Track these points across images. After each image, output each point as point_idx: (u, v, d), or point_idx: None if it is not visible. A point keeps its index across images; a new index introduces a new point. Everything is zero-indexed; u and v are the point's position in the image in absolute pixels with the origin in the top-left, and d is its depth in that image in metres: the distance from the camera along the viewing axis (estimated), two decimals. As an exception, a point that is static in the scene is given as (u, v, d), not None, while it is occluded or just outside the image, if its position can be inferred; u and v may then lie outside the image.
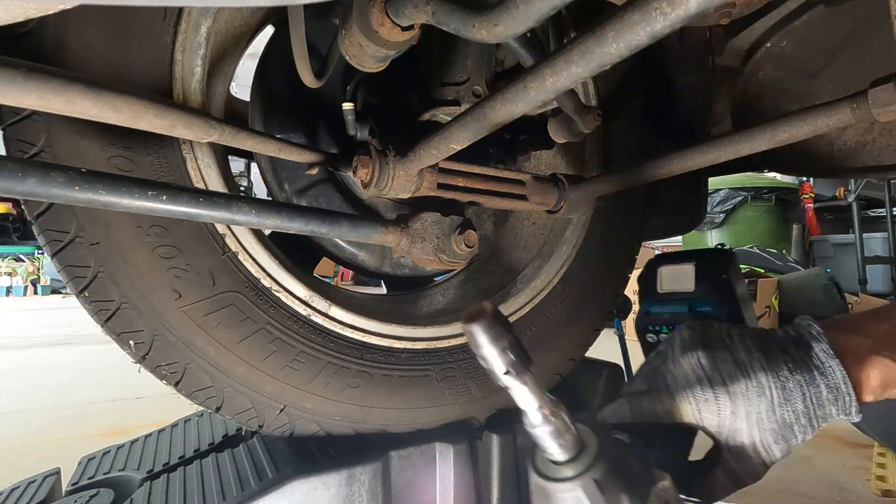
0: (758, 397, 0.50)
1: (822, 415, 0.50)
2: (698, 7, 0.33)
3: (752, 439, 0.51)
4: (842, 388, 0.49)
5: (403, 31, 0.55)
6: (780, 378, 0.50)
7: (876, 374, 0.50)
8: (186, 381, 0.72)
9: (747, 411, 0.51)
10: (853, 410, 0.49)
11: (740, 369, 0.52)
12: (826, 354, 0.50)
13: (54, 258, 0.66)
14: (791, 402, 0.50)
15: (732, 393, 0.51)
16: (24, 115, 0.62)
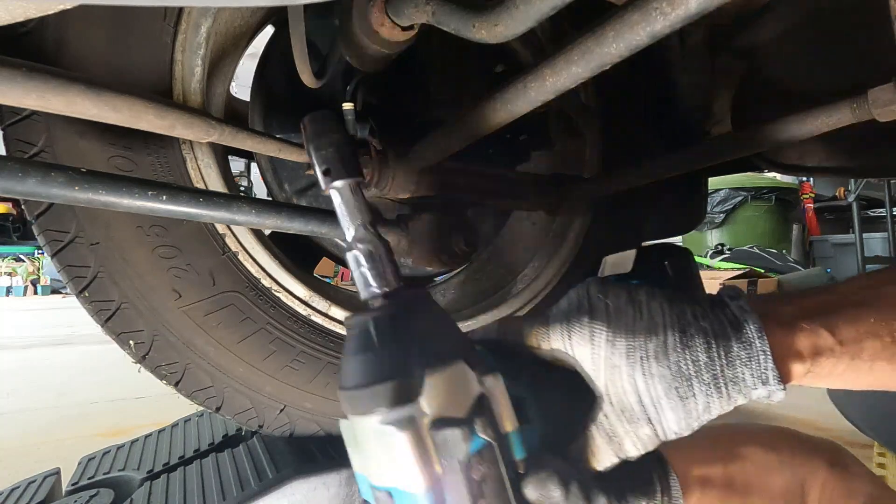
0: (646, 334, 0.40)
1: (732, 376, 0.39)
2: (698, 7, 0.33)
3: (634, 386, 0.40)
4: (756, 345, 0.39)
5: (403, 31, 0.55)
6: (680, 321, 0.41)
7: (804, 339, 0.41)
8: (186, 381, 0.72)
9: (629, 346, 0.40)
10: (770, 376, 0.39)
11: (633, 304, 0.42)
12: (742, 310, 0.41)
13: (54, 258, 0.66)
14: (691, 348, 0.39)
15: (614, 323, 0.41)
16: (24, 115, 0.62)
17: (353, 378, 0.36)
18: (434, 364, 0.36)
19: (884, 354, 0.40)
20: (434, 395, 0.36)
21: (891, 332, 0.40)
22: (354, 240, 0.40)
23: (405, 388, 0.35)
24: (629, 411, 0.41)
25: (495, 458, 0.37)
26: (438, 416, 0.35)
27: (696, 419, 0.40)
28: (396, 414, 0.34)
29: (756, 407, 2.25)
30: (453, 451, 0.35)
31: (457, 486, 0.35)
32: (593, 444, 0.43)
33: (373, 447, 0.36)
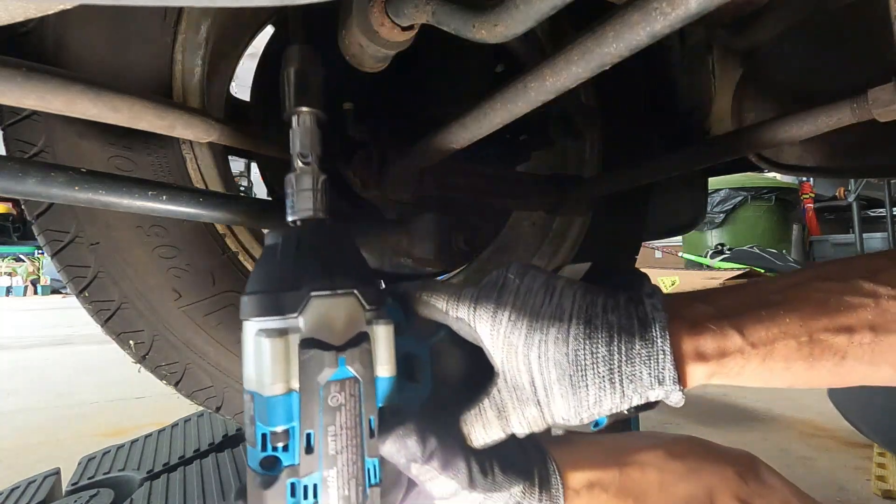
0: (550, 319, 0.40)
1: (629, 373, 0.39)
2: (698, 7, 0.33)
3: (528, 367, 0.41)
4: (657, 344, 0.39)
5: (403, 30, 0.55)
6: (588, 312, 0.41)
7: (710, 341, 0.40)
8: (186, 381, 0.72)
9: (531, 327, 0.40)
10: (667, 377, 0.39)
11: (546, 288, 0.43)
12: (653, 308, 0.40)
13: (54, 258, 0.66)
14: (592, 340, 0.39)
15: (521, 302, 0.42)
16: (24, 115, 0.62)
17: (249, 285, 0.40)
18: (322, 288, 0.38)
19: (800, 354, 0.39)
20: (313, 316, 0.37)
21: (809, 332, 0.39)
22: (298, 167, 0.43)
23: (284, 301, 0.37)
24: (521, 390, 0.42)
25: (357, 394, 0.38)
26: (310, 336, 0.37)
27: (585, 410, 0.40)
28: (269, 323, 0.37)
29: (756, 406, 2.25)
30: (313, 372, 0.36)
31: (310, 404, 0.36)
32: (484, 417, 0.43)
33: (247, 350, 0.38)
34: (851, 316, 0.39)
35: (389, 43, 0.56)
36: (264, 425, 0.36)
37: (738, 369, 0.40)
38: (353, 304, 0.39)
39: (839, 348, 0.39)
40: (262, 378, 0.36)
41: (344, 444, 0.37)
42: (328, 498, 0.36)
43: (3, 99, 0.44)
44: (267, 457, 0.36)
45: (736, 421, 2.10)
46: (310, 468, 0.36)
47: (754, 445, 1.83)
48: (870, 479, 1.50)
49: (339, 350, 0.37)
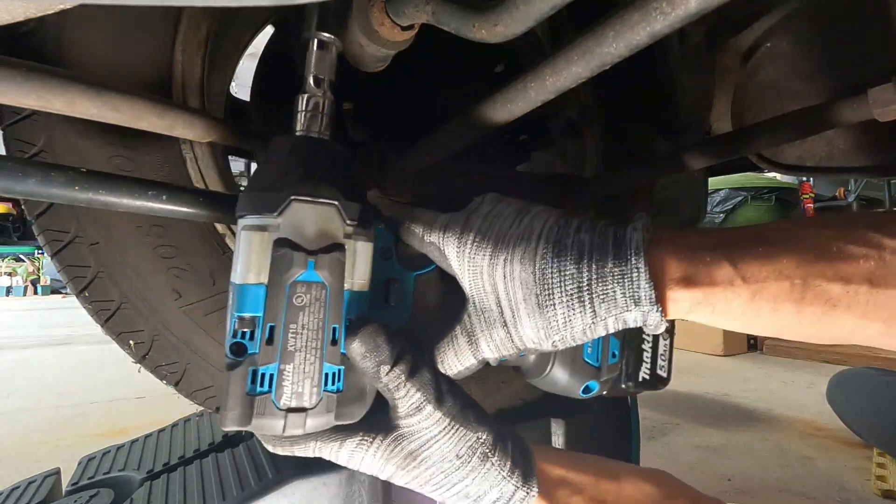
0: (517, 239, 0.39)
1: (601, 292, 0.36)
2: (698, 7, 0.33)
3: (494, 286, 0.39)
4: (632, 261, 0.36)
5: (403, 30, 0.55)
6: (559, 232, 0.39)
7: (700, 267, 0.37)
8: (186, 381, 0.72)
9: (496, 247, 0.39)
10: (643, 295, 0.36)
11: (518, 213, 0.41)
12: (633, 230, 0.38)
13: (54, 258, 0.66)
14: (560, 258, 0.37)
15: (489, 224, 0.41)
16: (24, 115, 0.62)
17: (248, 184, 0.43)
18: (304, 194, 0.40)
19: (791, 297, 0.37)
20: (291, 218, 0.39)
21: (804, 275, 0.37)
22: (310, 87, 0.44)
23: (266, 200, 0.39)
24: (488, 312, 0.41)
25: (323, 299, 0.40)
26: (285, 237, 0.39)
27: (556, 331, 0.38)
28: (250, 220, 0.40)
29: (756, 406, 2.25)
30: (282, 269, 0.38)
31: (275, 299, 0.38)
32: (456, 343, 0.43)
33: (236, 244, 0.40)
34: (851, 265, 0.37)
35: (389, 43, 0.56)
36: (235, 312, 0.39)
37: (726, 303, 0.38)
38: (332, 214, 0.41)
39: (832, 296, 0.37)
40: (239, 268, 0.39)
41: (303, 344, 0.39)
42: (281, 390, 0.39)
43: (3, 99, 0.44)
44: (236, 343, 0.39)
45: (736, 421, 2.10)
46: (268, 359, 0.38)
47: (754, 445, 1.83)
48: (870, 479, 1.50)
49: (310, 254, 0.39)
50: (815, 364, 3.13)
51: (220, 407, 0.39)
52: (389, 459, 0.41)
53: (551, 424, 0.88)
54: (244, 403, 0.38)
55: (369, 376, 0.41)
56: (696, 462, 1.69)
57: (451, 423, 0.41)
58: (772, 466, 1.66)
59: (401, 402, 0.40)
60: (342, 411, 0.41)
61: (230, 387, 0.38)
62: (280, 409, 0.39)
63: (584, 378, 0.51)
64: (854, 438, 1.75)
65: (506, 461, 0.42)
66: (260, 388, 0.38)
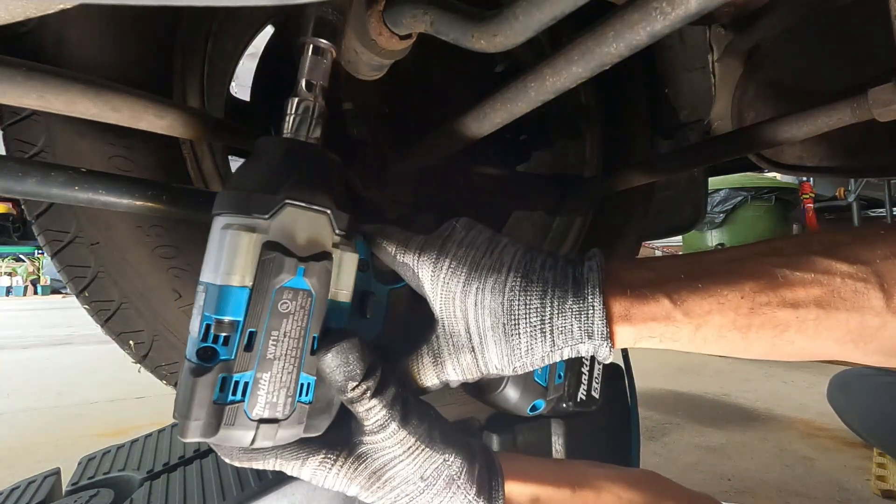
0: (489, 270, 0.42)
1: (561, 325, 0.40)
2: (698, 7, 0.33)
3: (465, 312, 0.42)
4: (588, 300, 0.40)
5: (401, 39, 0.55)
6: (527, 268, 0.42)
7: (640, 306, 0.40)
8: (186, 381, 0.72)
9: (469, 276, 0.42)
10: (596, 330, 0.39)
11: (490, 242, 0.44)
12: (590, 270, 0.42)
13: (54, 258, 0.66)
14: (528, 292, 0.40)
15: (463, 252, 0.43)
16: (24, 115, 0.62)
17: (229, 183, 0.40)
18: (299, 199, 0.39)
19: (735, 325, 0.39)
20: (283, 222, 0.38)
21: (749, 305, 0.39)
22: (301, 91, 0.44)
23: (259, 201, 0.38)
24: (457, 337, 0.43)
25: (308, 307, 0.39)
26: (276, 241, 0.37)
27: (518, 358, 0.41)
28: (237, 219, 0.37)
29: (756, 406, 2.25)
30: (270, 274, 0.37)
31: (260, 304, 0.37)
32: (421, 362, 0.44)
33: (211, 244, 0.38)
34: (799, 291, 0.39)
35: (386, 52, 0.56)
36: (211, 314, 0.36)
37: (670, 334, 0.41)
38: (324, 223, 0.40)
39: (781, 321, 0.39)
40: (219, 268, 0.36)
41: (283, 352, 0.38)
42: (255, 399, 0.37)
43: (3, 99, 0.44)
44: (205, 347, 0.36)
45: (736, 421, 2.10)
46: (244, 366, 0.36)
47: (754, 445, 1.83)
48: (870, 479, 1.50)
49: (301, 260, 0.38)
50: (815, 364, 3.13)
51: (177, 415, 0.36)
52: (353, 478, 0.41)
53: (552, 424, 0.88)
54: (211, 412, 0.35)
55: (337, 389, 0.40)
56: (696, 462, 1.69)
57: (415, 443, 0.41)
58: (772, 466, 1.66)
59: (366, 418, 0.40)
60: (310, 423, 0.40)
61: (195, 394, 0.35)
62: (252, 419, 0.37)
63: (533, 397, 0.52)
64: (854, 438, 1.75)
65: (472, 485, 0.42)
66: (232, 397, 0.36)
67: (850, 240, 0.41)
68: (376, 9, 0.53)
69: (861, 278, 0.38)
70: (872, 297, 0.38)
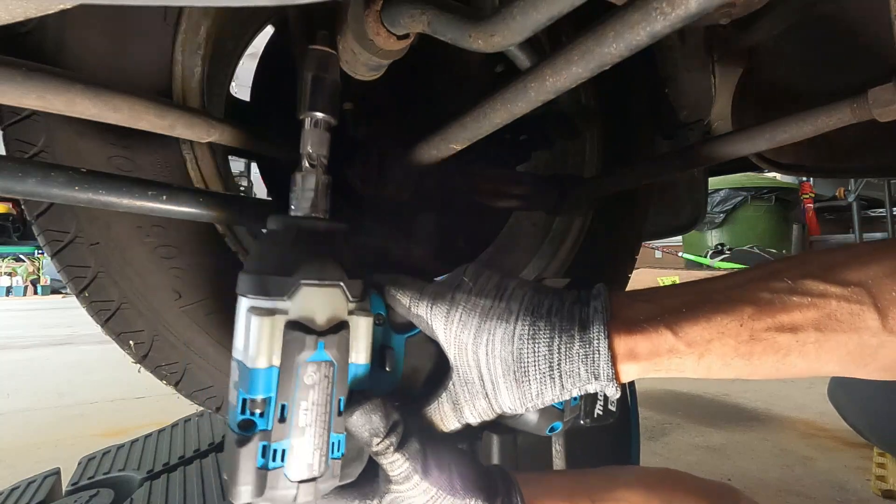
0: (497, 319, 0.44)
1: (569, 370, 0.43)
2: (698, 7, 0.33)
3: (477, 362, 0.45)
4: (594, 344, 0.42)
5: (399, 39, 0.55)
6: (534, 314, 0.44)
7: (643, 342, 0.43)
8: (186, 381, 0.72)
9: (479, 327, 0.44)
10: (602, 372, 0.42)
11: (497, 290, 0.46)
12: (595, 311, 0.44)
13: (54, 258, 0.66)
14: (535, 340, 0.43)
15: (472, 303, 0.45)
16: (24, 115, 0.62)
17: (247, 264, 0.44)
18: (312, 278, 0.42)
19: (738, 353, 0.41)
20: (301, 302, 0.41)
21: (750, 331, 0.41)
22: (305, 167, 0.46)
23: (277, 284, 0.41)
24: (471, 384, 0.46)
25: (331, 376, 0.42)
26: (296, 320, 0.41)
27: (529, 401, 0.44)
28: (259, 302, 0.41)
29: (756, 406, 2.25)
30: (294, 352, 0.40)
31: (288, 380, 0.40)
32: (441, 409, 0.48)
33: (239, 322, 0.42)
34: (796, 315, 0.40)
35: (383, 52, 0.56)
36: (245, 392, 0.40)
37: (675, 366, 0.43)
38: (337, 295, 0.43)
39: (782, 346, 0.40)
40: (248, 351, 0.40)
41: (313, 419, 0.41)
42: (294, 463, 0.40)
43: (3, 99, 0.44)
44: (245, 419, 0.40)
45: (736, 421, 2.10)
46: (281, 435, 0.40)
47: (754, 445, 1.83)
48: (870, 479, 1.50)
49: (320, 335, 0.41)
50: (815, 364, 3.12)
51: (227, 479, 0.40)
52: None
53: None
54: (257, 477, 0.39)
55: (363, 444, 0.44)
56: (696, 462, 1.69)
57: (437, 492, 0.43)
58: (772, 466, 1.66)
59: (390, 470, 0.43)
60: (344, 472, 0.44)
61: (241, 462, 0.39)
62: (292, 481, 0.40)
63: (551, 420, 0.54)
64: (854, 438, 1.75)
65: None
66: (273, 463, 0.40)
67: (844, 260, 0.42)
68: (374, 9, 0.53)
69: (856, 300, 0.39)
70: (868, 317, 0.39)
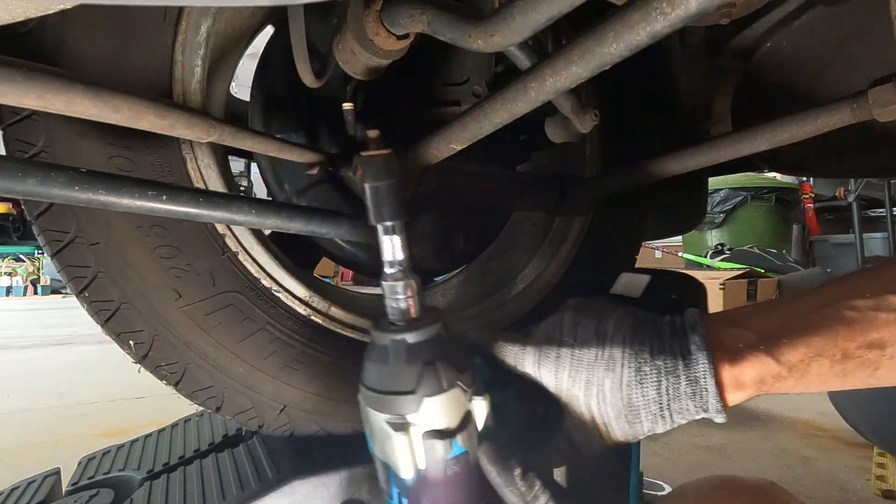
0: (605, 370, 0.48)
1: (678, 408, 0.46)
2: (698, 7, 0.33)
3: (590, 410, 0.49)
4: (701, 382, 0.45)
5: (399, 39, 0.55)
6: (638, 359, 0.47)
7: (748, 370, 0.46)
8: (186, 381, 0.72)
9: (588, 380, 0.48)
10: (711, 406, 0.45)
11: (598, 339, 0.49)
12: (696, 346, 0.47)
13: (54, 258, 0.66)
14: (643, 385, 0.46)
15: (577, 358, 0.49)
16: (24, 115, 0.62)
17: (370, 380, 0.48)
18: (434, 392, 0.46)
19: (833, 371, 0.45)
20: (428, 413, 0.46)
21: (843, 350, 0.44)
22: (392, 273, 0.48)
23: (403, 403, 0.46)
24: (585, 426, 0.50)
25: (469, 461, 0.47)
26: (429, 429, 0.45)
27: (641, 435, 0.49)
28: (395, 419, 0.46)
29: (756, 406, 2.25)
30: (436, 455, 0.45)
31: (435, 479, 0.46)
32: (559, 451, 0.52)
33: (377, 432, 0.47)
34: (884, 332, 0.44)
35: (383, 52, 0.56)
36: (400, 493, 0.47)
37: (776, 388, 0.47)
38: (457, 393, 0.47)
39: (872, 361, 0.44)
40: (395, 461, 0.46)
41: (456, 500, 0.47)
42: None
43: (3, 99, 0.44)
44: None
45: (736, 421, 2.10)
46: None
47: (754, 445, 1.83)
48: (870, 479, 1.50)
49: (453, 435, 0.46)
50: (815, 364, 3.11)
51: None
52: None
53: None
54: None
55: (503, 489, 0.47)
56: (696, 462, 1.69)
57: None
58: (772, 466, 1.66)
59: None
60: None
61: None
62: None
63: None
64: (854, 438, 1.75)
65: None
66: None
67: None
68: (374, 9, 0.53)
69: None
70: None
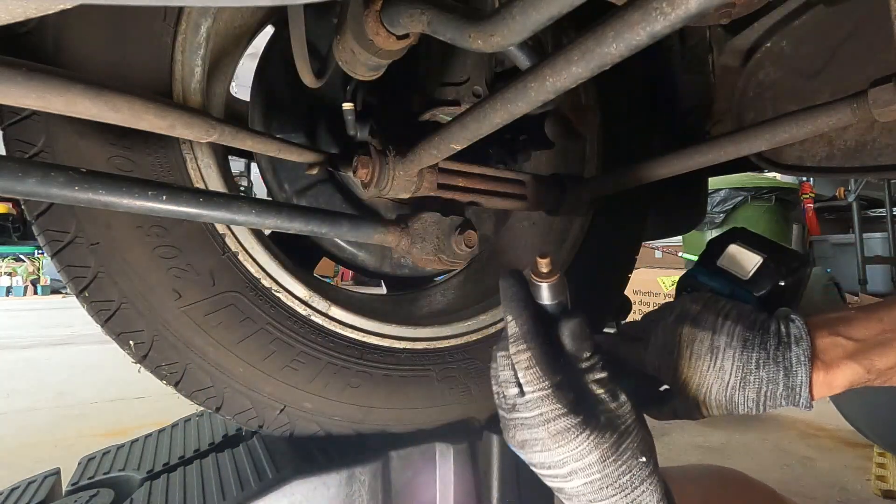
0: (715, 380, 0.56)
1: (772, 405, 0.54)
2: (698, 7, 0.33)
3: (696, 400, 0.58)
4: (797, 389, 0.53)
5: (398, 39, 0.55)
6: (744, 371, 0.54)
7: (840, 378, 0.53)
8: (186, 381, 0.72)
9: (699, 384, 0.57)
10: (802, 406, 0.53)
11: (711, 354, 0.56)
12: (798, 360, 0.53)
13: (54, 258, 0.66)
14: (745, 390, 0.54)
15: (694, 368, 0.57)
16: (24, 115, 0.62)
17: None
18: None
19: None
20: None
21: None
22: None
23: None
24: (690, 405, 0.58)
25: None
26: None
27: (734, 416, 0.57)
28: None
29: (756, 407, 2.25)
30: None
31: None
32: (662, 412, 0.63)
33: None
34: None
35: (383, 52, 0.55)
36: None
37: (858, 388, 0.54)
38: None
39: None
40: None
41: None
42: None
43: (3, 99, 0.44)
44: None
45: (736, 421, 2.10)
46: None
47: (754, 445, 1.83)
48: (870, 479, 1.50)
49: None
50: (815, 364, 3.11)
51: None
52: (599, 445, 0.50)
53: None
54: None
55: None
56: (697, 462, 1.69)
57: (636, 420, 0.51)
58: (772, 466, 1.66)
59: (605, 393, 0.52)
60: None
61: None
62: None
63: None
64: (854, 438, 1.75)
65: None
66: None
67: None
68: (373, 9, 0.53)
69: None
70: None
